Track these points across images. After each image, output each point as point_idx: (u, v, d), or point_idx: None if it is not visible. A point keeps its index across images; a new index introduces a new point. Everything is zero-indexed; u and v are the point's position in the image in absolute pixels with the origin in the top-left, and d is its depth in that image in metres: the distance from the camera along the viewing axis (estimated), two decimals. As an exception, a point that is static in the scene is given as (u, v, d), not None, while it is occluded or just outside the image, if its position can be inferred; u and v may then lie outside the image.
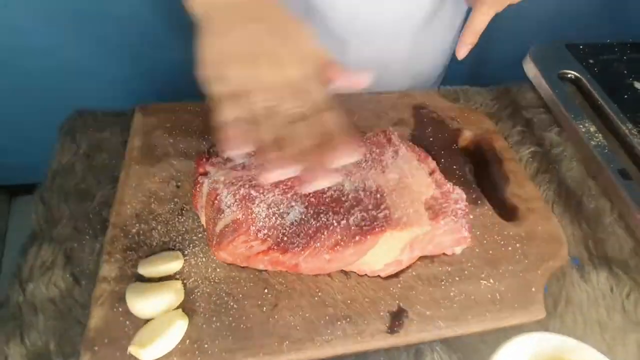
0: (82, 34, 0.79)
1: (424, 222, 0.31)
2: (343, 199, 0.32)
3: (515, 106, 0.54)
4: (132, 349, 0.27)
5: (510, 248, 0.36)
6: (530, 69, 0.47)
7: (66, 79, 0.81)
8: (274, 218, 0.30)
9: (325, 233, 0.30)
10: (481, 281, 0.33)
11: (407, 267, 0.34)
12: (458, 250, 0.34)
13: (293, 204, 0.31)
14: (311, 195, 0.32)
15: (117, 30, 0.75)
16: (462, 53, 0.40)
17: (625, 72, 0.47)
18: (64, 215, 0.39)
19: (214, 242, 0.30)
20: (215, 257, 0.32)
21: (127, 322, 0.29)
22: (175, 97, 0.49)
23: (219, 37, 0.30)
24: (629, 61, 0.49)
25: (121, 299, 0.30)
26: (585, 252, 0.40)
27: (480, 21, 0.38)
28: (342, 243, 0.29)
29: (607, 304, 0.36)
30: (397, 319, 0.30)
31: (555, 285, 0.37)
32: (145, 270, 0.31)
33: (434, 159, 0.39)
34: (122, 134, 0.46)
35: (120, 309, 0.30)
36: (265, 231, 0.30)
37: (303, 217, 0.31)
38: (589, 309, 0.36)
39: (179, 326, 0.28)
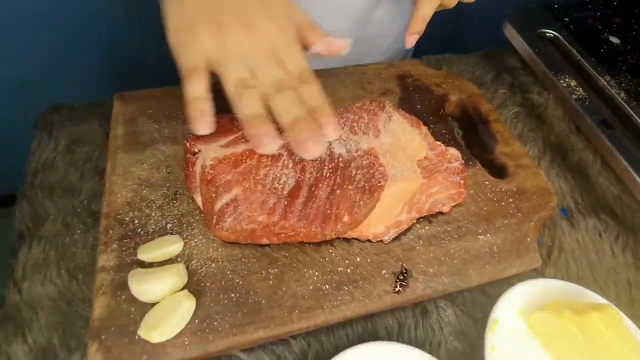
0: (54, 28, 0.75)
1: (417, 177, 0.31)
2: (341, 164, 0.32)
3: (497, 70, 0.55)
4: (141, 332, 0.27)
5: (503, 203, 0.37)
6: (510, 32, 0.47)
7: (41, 75, 0.77)
8: (273, 189, 0.30)
9: (331, 197, 0.30)
10: (479, 236, 0.34)
11: (407, 230, 0.34)
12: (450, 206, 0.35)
13: (290, 173, 0.31)
14: (307, 162, 0.31)
15: (90, 23, 0.72)
16: (410, 42, 0.40)
17: (600, 27, 0.49)
18: (51, 212, 0.37)
19: (214, 221, 0.30)
20: (216, 237, 0.32)
21: (132, 309, 0.29)
22: (153, 85, 0.47)
23: (182, 2, 0.29)
24: (602, 17, 0.50)
25: (123, 287, 0.29)
26: (573, 203, 0.42)
27: (426, 9, 0.38)
28: (349, 204, 0.29)
29: (597, 248, 0.38)
30: (401, 278, 0.31)
31: (547, 235, 0.39)
32: (146, 255, 0.30)
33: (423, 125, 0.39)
34: (102, 125, 0.44)
35: (124, 297, 0.29)
36: (269, 203, 0.29)
37: (303, 185, 0.30)
38: (580, 255, 0.38)
39: (187, 306, 0.28)
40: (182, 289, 0.29)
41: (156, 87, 0.45)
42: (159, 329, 0.26)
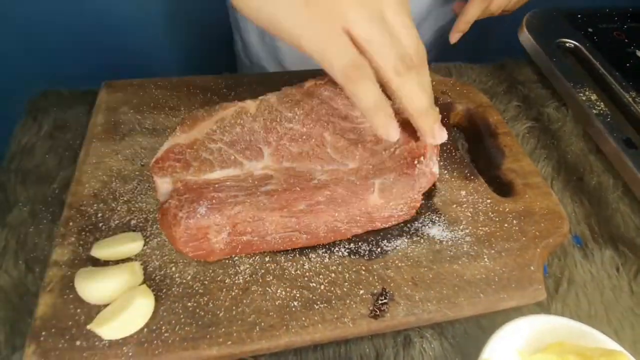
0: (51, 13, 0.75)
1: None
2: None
3: (511, 81, 0.51)
4: (92, 325, 0.24)
5: (506, 225, 0.33)
6: (526, 38, 0.44)
7: (33, 61, 0.77)
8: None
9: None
10: (474, 261, 0.30)
11: (394, 248, 0.30)
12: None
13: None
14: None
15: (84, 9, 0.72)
16: (454, 38, 0.47)
17: (627, 40, 0.44)
18: (20, 199, 0.35)
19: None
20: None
21: (78, 310, 0.26)
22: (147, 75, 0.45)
23: None
24: (629, 30, 0.46)
25: (73, 285, 0.27)
26: (587, 231, 0.37)
27: (473, 14, 0.44)
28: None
29: (613, 284, 0.33)
30: (381, 302, 0.27)
31: (556, 265, 0.34)
32: (100, 252, 0.28)
33: None
34: (89, 113, 0.43)
35: (72, 296, 0.26)
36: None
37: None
38: (593, 290, 0.33)
39: (143, 303, 0.25)
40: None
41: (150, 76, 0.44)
42: (110, 323, 0.24)
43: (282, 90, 0.35)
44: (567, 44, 0.44)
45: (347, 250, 0.30)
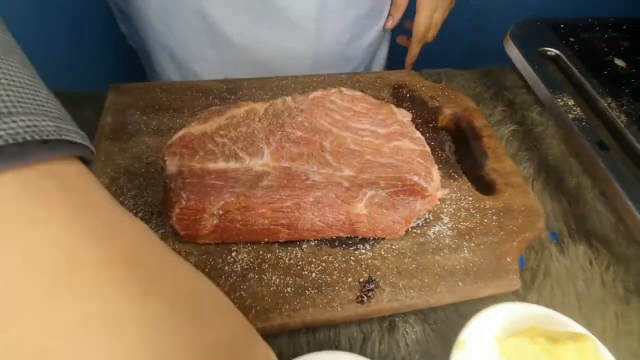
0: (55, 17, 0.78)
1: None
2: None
3: (497, 87, 0.53)
4: None
5: (486, 220, 0.35)
6: (510, 47, 0.46)
7: (41, 62, 0.80)
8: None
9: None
10: (455, 252, 0.33)
11: (381, 239, 0.33)
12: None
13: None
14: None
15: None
16: (389, 24, 0.60)
17: (606, 49, 0.47)
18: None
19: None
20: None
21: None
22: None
23: None
24: (609, 39, 0.48)
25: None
26: (565, 228, 0.40)
27: (416, 50, 0.61)
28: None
29: (585, 277, 0.36)
30: (367, 288, 0.30)
31: (533, 259, 0.37)
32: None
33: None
34: (96, 114, 0.45)
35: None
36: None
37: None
38: (567, 282, 0.35)
39: None
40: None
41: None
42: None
43: (292, 96, 0.38)
44: (549, 53, 0.47)
45: (337, 242, 0.33)
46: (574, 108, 0.39)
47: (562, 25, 0.50)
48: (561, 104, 0.39)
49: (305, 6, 0.50)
